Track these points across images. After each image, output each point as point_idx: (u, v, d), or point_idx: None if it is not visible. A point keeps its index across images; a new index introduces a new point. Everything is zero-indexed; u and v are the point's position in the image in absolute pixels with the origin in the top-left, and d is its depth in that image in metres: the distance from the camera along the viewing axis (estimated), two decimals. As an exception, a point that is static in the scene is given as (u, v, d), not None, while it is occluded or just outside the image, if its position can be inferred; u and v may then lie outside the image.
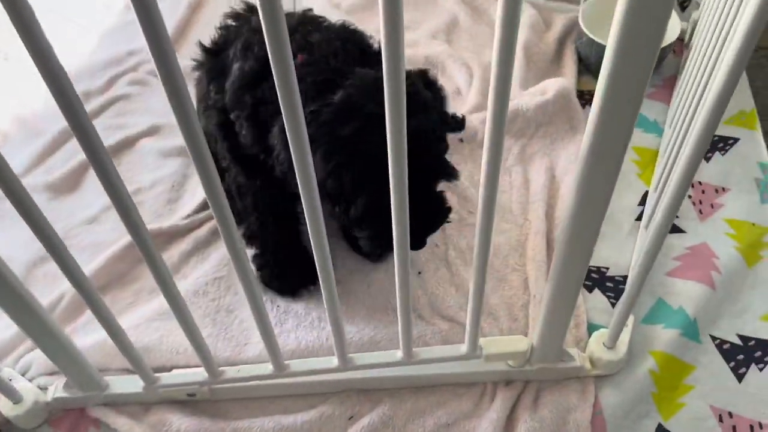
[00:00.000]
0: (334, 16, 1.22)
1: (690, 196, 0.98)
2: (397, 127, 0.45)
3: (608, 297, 0.88)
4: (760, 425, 0.76)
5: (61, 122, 1.12)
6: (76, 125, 0.44)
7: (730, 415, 0.77)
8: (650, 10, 0.41)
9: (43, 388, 0.79)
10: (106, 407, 0.78)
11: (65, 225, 0.97)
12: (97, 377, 0.76)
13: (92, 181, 1.03)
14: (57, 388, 0.78)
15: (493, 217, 0.58)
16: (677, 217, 0.95)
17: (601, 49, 1.09)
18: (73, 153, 1.07)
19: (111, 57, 1.20)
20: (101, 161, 0.47)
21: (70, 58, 1.23)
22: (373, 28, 1.27)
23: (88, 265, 0.89)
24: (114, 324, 0.65)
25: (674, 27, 1.12)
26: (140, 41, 1.25)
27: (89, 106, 1.13)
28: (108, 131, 1.10)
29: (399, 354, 0.73)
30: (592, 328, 0.84)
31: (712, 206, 0.97)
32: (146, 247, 0.54)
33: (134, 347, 0.68)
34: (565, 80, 1.08)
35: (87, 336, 0.84)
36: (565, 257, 0.64)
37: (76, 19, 1.32)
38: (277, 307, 0.87)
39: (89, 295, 0.60)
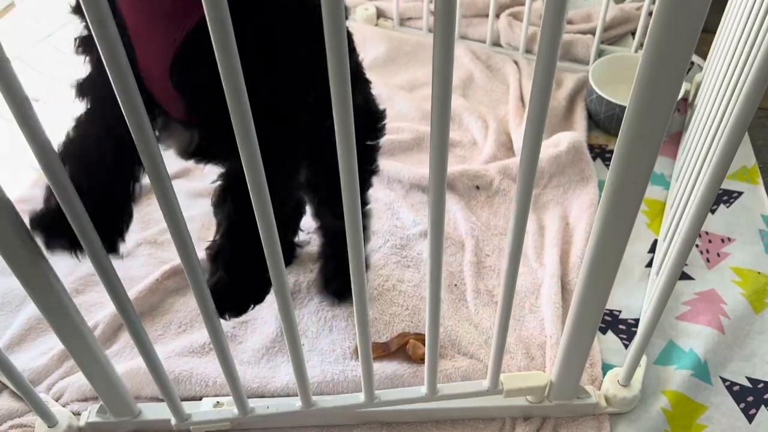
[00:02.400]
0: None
1: (697, 246, 1.02)
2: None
3: (621, 338, 0.91)
4: (772, 465, 0.79)
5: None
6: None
7: (742, 454, 0.80)
8: (667, 71, 0.46)
9: (76, 414, 0.82)
10: (137, 434, 0.81)
11: (99, 259, 1.01)
12: (132, 403, 0.79)
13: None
14: (90, 414, 0.80)
15: (519, 262, 0.61)
16: (686, 264, 1.00)
17: (610, 105, 1.16)
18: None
19: (145, 104, 1.27)
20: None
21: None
22: (396, 83, 1.33)
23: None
24: (153, 356, 0.68)
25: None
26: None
27: (124, 149, 1.19)
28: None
29: (423, 390, 0.76)
30: (606, 367, 0.87)
31: (718, 255, 1.01)
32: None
33: (168, 380, 0.71)
34: (576, 134, 1.14)
35: (118, 364, 0.86)
36: (583, 301, 0.68)
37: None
38: (301, 345, 0.90)
39: (132, 323, 0.64)
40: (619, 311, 0.95)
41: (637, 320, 0.93)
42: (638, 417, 0.82)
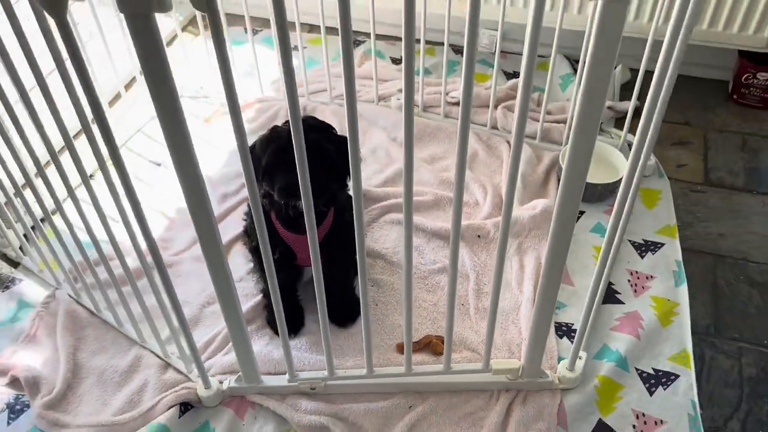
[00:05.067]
0: (393, 150, 1.77)
1: (629, 281, 1.49)
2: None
3: (572, 342, 1.37)
4: (661, 421, 1.24)
5: (207, 213, 1.66)
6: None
7: (643, 414, 1.25)
8: (578, 166, 0.93)
9: (221, 382, 1.28)
10: (259, 395, 1.27)
11: (220, 282, 1.48)
12: (258, 375, 1.25)
13: (237, 253, 1.55)
14: (230, 381, 1.27)
15: (501, 283, 1.08)
16: (620, 293, 1.46)
17: (574, 179, 1.63)
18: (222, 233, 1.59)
19: (239, 169, 1.75)
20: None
21: (209, 170, 1.77)
22: (421, 156, 1.80)
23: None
24: (286, 338, 1.15)
25: (625, 165, 1.66)
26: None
27: (227, 204, 1.67)
28: (240, 221, 1.62)
29: (441, 366, 1.22)
30: (561, 360, 1.33)
31: (643, 287, 1.48)
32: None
33: (291, 350, 1.18)
34: (549, 200, 1.61)
35: (243, 352, 1.33)
36: (539, 313, 1.14)
37: (211, 142, 1.88)
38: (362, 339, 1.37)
39: (281, 319, 1.10)
40: (573, 324, 1.41)
41: (583, 330, 1.39)
42: (579, 391, 1.28)
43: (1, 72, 1.04)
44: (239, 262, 1.53)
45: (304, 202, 0.91)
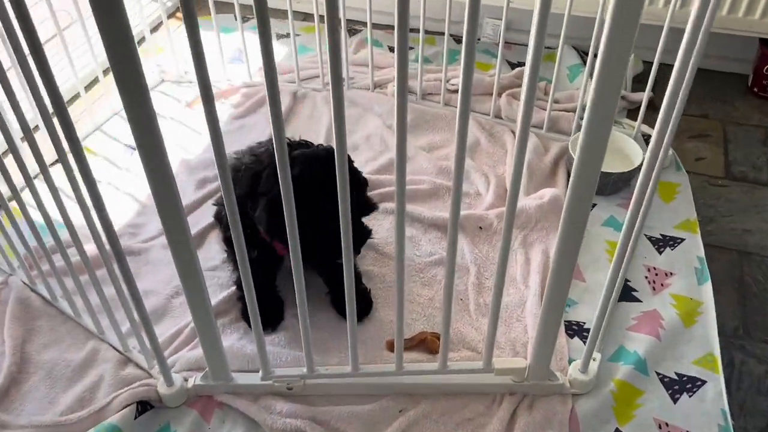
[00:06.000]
0: (388, 137, 1.65)
1: (647, 277, 1.34)
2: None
3: (584, 343, 1.22)
4: (688, 432, 1.09)
5: (185, 199, 1.51)
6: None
7: (667, 425, 1.10)
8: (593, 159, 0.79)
9: (186, 379, 1.13)
10: (228, 395, 1.12)
11: (193, 271, 1.33)
12: (228, 371, 1.10)
13: (213, 241, 1.41)
14: (196, 379, 1.12)
15: (504, 278, 0.93)
16: (636, 291, 1.32)
17: (584, 169, 1.50)
18: (197, 221, 1.45)
19: (220, 154, 1.61)
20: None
21: (189, 154, 1.64)
22: (419, 144, 1.67)
23: (214, 299, 1.25)
24: (260, 332, 0.99)
25: (639, 154, 1.52)
26: (240, 145, 1.65)
27: (206, 189, 1.53)
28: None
29: (437, 364, 1.07)
30: (572, 362, 1.18)
31: (662, 285, 1.33)
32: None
33: (264, 343, 1.03)
34: (557, 189, 1.47)
35: (213, 347, 1.17)
36: (548, 306, 0.99)
37: (193, 127, 1.75)
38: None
39: (254, 313, 0.95)
40: (584, 323, 1.26)
41: (597, 330, 1.24)
42: (593, 396, 1.13)
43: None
44: (215, 249, 1.39)
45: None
